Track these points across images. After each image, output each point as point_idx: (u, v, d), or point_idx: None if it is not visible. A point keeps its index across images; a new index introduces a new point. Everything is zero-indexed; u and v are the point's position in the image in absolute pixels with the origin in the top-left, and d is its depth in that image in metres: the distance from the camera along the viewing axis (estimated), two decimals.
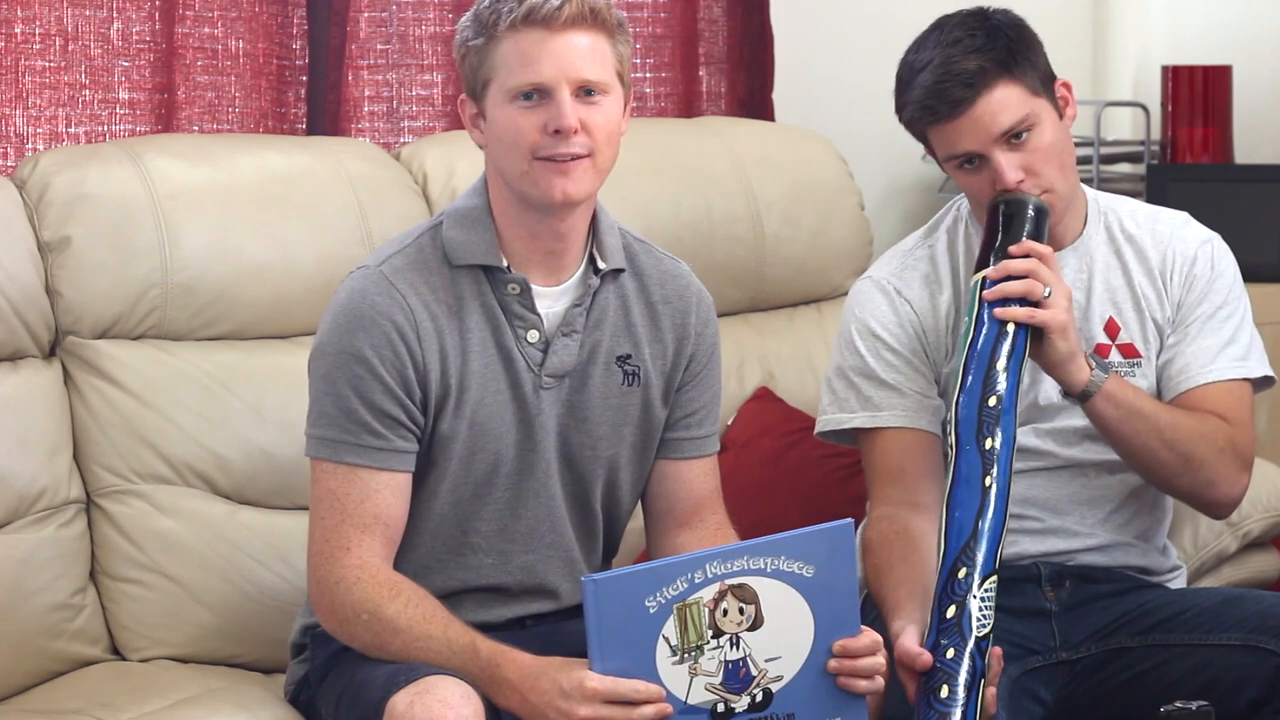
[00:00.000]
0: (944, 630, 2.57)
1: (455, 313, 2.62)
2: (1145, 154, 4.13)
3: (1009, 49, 2.81)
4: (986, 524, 2.63)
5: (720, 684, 2.43)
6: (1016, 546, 2.90)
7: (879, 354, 2.92)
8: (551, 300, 2.66)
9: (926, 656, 2.55)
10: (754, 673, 2.44)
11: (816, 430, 3.00)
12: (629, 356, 2.70)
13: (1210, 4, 4.30)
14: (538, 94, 2.53)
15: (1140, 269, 2.94)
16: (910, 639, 2.59)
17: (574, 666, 2.41)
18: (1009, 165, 2.80)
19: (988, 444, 2.70)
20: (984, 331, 2.75)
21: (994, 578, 2.61)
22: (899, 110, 2.88)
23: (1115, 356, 2.92)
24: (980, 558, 2.62)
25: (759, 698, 2.45)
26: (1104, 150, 4.16)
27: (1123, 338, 2.93)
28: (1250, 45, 4.21)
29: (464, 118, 2.64)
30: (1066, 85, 2.89)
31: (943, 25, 2.85)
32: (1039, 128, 2.81)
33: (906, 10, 3.55)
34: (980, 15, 2.86)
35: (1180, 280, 2.94)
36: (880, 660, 2.50)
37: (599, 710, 2.38)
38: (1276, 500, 3.40)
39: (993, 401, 2.72)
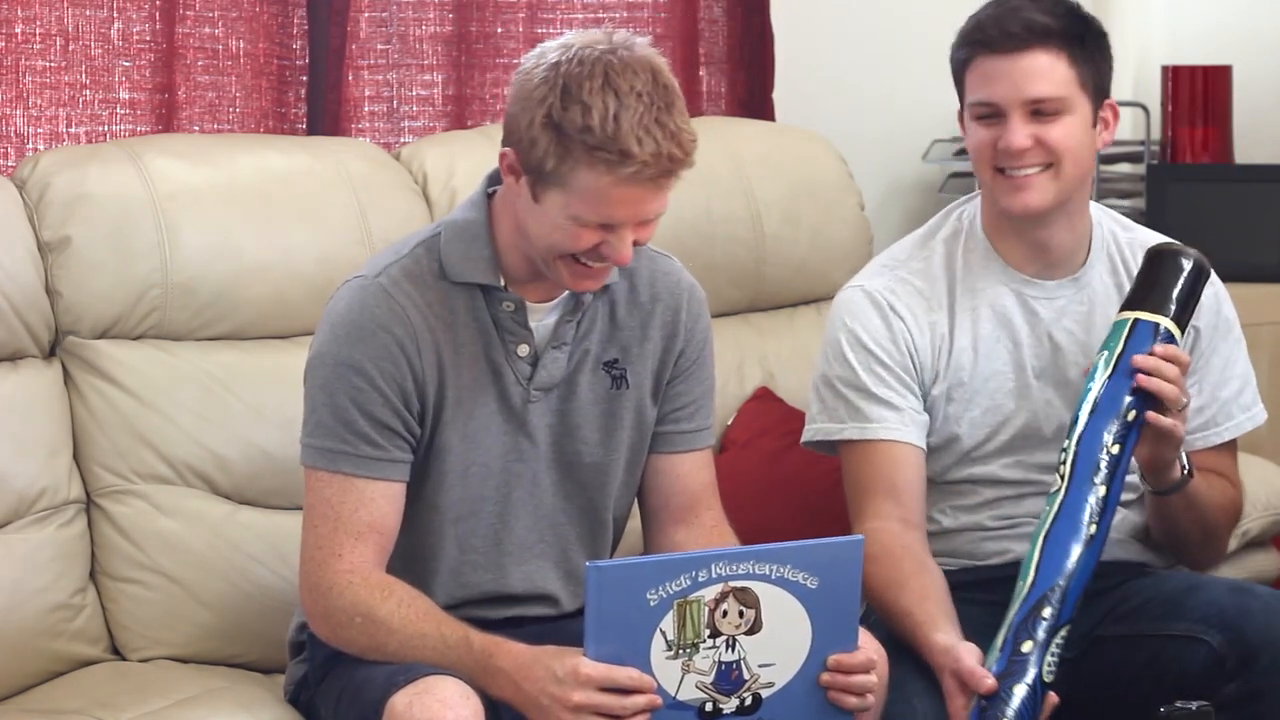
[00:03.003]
0: (1015, 662, 2.59)
1: (449, 325, 2.62)
2: (1145, 154, 4.12)
3: (1083, 35, 2.80)
4: (1081, 571, 2.65)
5: (711, 683, 2.43)
6: (1010, 552, 2.90)
7: (870, 368, 2.88)
8: (542, 314, 2.66)
9: (991, 681, 2.57)
10: (746, 676, 2.44)
11: (804, 440, 2.96)
12: (616, 361, 2.70)
13: (1210, 4, 4.30)
14: None
15: None
16: (971, 659, 2.60)
17: (568, 654, 2.41)
18: (1020, 131, 2.78)
19: (1101, 490, 2.70)
20: (1124, 380, 2.71)
21: (1066, 629, 2.63)
22: (954, 44, 2.85)
23: None
24: (1066, 605, 2.64)
25: (748, 701, 2.45)
26: (1104, 150, 4.15)
27: None
28: (1250, 45, 4.21)
29: None
30: (1114, 109, 2.88)
31: None
32: (1068, 119, 2.80)
33: (907, 10, 3.57)
34: (1076, 3, 2.85)
35: None
36: (872, 679, 2.50)
37: (592, 696, 2.38)
38: (1276, 499, 3.41)
39: (1115, 450, 2.71)
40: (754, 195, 3.61)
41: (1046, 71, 2.78)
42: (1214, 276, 2.90)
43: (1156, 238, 2.96)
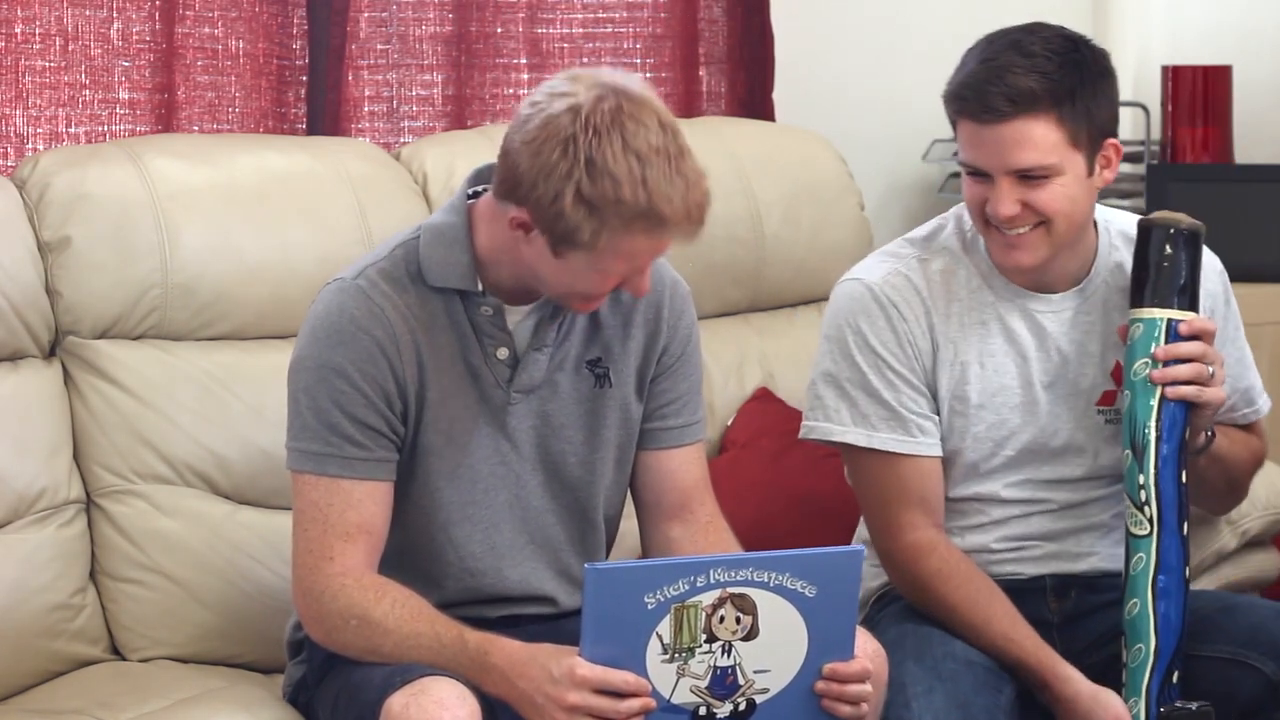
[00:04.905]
0: None
1: (427, 328, 2.61)
2: (1145, 154, 4.12)
3: (1074, 89, 2.69)
4: (1188, 619, 2.70)
5: (706, 688, 2.43)
6: (1022, 574, 2.89)
7: (880, 371, 2.83)
8: (521, 316, 2.65)
9: None
10: (741, 682, 2.44)
11: (804, 435, 2.92)
12: (599, 359, 2.69)
13: (1210, 4, 4.30)
14: None
15: None
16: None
17: (564, 654, 2.42)
18: (1007, 198, 2.70)
19: (1185, 528, 2.72)
20: (1179, 403, 2.74)
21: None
22: (945, 90, 2.76)
23: (1121, 402, 2.83)
24: (1181, 657, 2.70)
25: (742, 706, 2.45)
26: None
27: None
28: (1250, 45, 4.21)
29: None
30: (1117, 148, 2.78)
31: (1034, 30, 2.73)
32: (1059, 180, 2.71)
33: (906, 11, 3.57)
34: (1073, 42, 2.73)
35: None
36: (867, 689, 2.50)
37: (587, 699, 2.39)
38: (1276, 499, 3.41)
39: (1183, 478, 2.72)
40: (754, 195, 3.61)
41: (1033, 140, 2.67)
42: (1217, 262, 2.91)
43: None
